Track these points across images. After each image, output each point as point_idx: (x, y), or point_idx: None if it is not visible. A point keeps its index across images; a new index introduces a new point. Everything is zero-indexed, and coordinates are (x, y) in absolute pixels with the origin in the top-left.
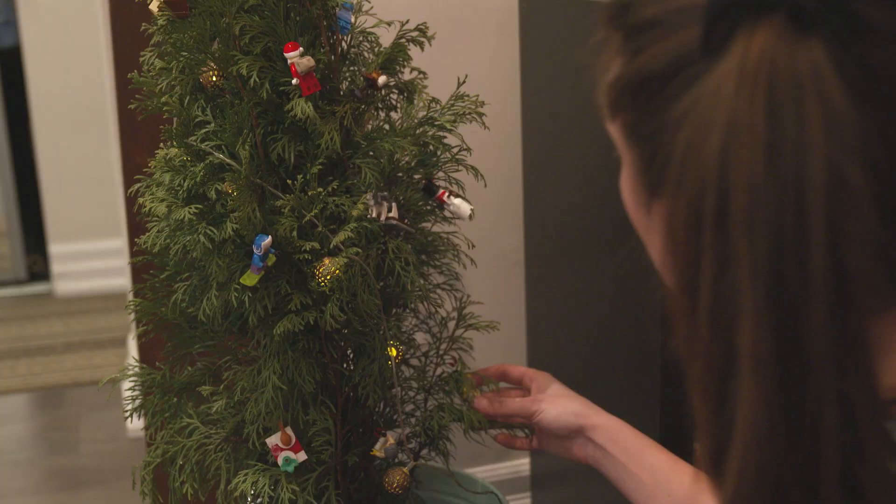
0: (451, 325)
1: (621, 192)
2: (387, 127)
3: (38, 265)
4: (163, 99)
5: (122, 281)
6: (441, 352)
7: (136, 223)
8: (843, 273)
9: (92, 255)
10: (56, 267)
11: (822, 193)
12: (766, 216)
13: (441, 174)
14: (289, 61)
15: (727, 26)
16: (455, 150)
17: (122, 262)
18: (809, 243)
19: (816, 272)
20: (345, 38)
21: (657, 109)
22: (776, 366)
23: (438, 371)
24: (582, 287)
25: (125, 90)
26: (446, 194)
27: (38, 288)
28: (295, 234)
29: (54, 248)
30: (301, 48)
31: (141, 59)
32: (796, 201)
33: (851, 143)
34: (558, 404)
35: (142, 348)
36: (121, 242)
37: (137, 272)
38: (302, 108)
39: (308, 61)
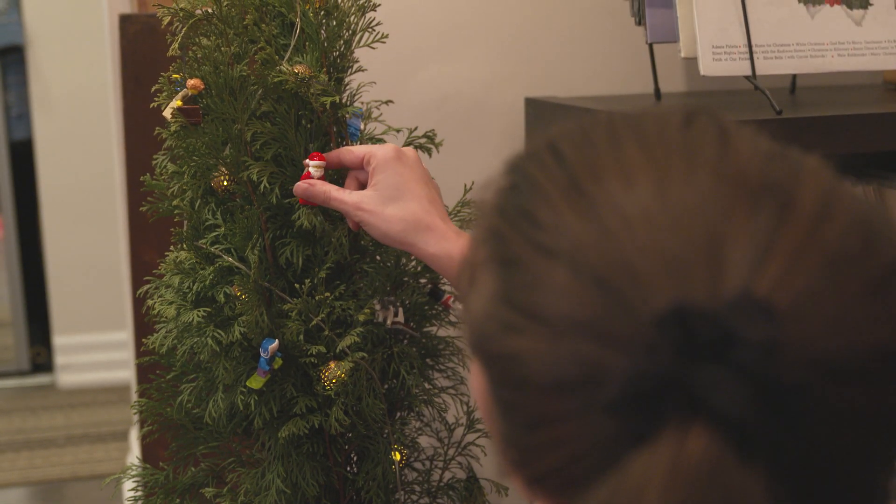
0: (459, 430)
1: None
2: None
3: (41, 357)
4: (174, 202)
5: (126, 374)
6: (449, 457)
7: (142, 320)
8: None
9: (96, 348)
10: (59, 359)
11: None
12: None
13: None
14: (307, 168)
15: (655, 406)
16: None
17: (126, 355)
18: None
19: None
20: (354, 144)
21: (534, 432)
22: None
23: (447, 476)
24: None
25: (135, 189)
26: (452, 299)
27: (40, 380)
28: (302, 337)
29: (58, 339)
30: (324, 160)
31: (153, 163)
32: None
33: None
34: (388, 214)
35: (145, 446)
36: (125, 335)
37: (143, 371)
38: (309, 218)
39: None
